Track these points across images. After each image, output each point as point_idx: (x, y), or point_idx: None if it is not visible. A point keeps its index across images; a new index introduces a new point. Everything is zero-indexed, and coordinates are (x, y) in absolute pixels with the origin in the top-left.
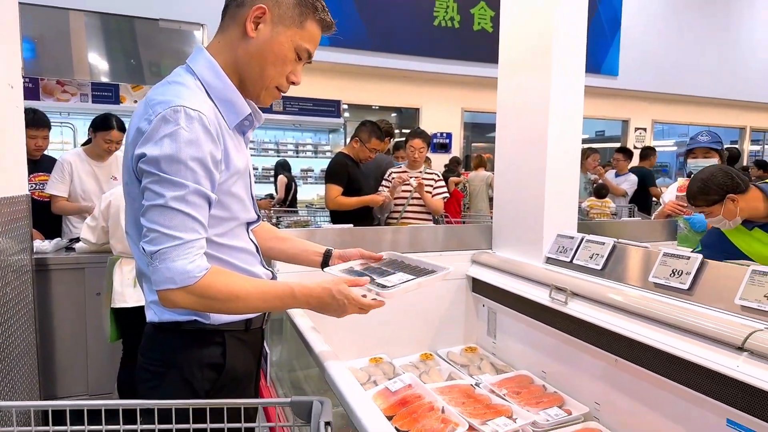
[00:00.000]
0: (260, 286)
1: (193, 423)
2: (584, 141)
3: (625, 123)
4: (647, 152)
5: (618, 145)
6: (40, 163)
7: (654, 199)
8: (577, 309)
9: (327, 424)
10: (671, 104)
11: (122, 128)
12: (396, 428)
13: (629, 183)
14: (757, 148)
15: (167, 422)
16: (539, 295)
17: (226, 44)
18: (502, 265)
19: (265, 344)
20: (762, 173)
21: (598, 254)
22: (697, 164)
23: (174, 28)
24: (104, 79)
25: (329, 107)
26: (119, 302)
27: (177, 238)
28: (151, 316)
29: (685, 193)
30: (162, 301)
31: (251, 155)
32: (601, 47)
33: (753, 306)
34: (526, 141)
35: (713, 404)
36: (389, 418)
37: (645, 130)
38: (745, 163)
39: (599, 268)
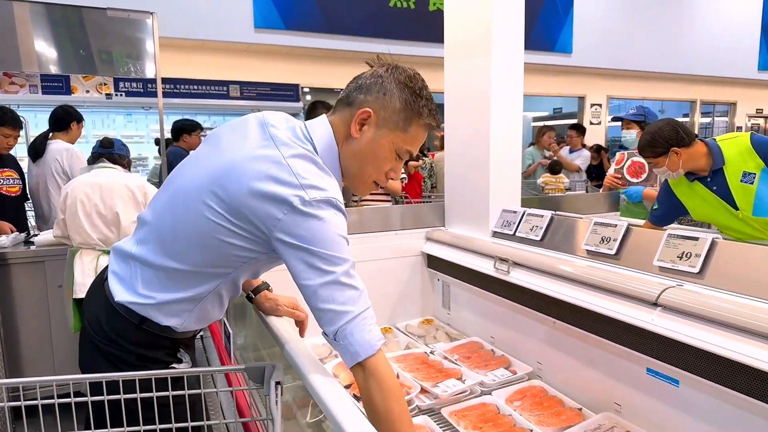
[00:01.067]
0: (407, 411)
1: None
2: (542, 118)
3: (581, 99)
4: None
5: (575, 121)
6: (2, 159)
7: None
8: (518, 277)
9: (277, 383)
10: (625, 80)
11: None
12: (354, 395)
13: (582, 158)
14: (707, 120)
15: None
16: (486, 267)
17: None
18: (454, 240)
19: (228, 325)
20: None
21: (537, 226)
22: (623, 135)
23: (123, 16)
24: (54, 70)
25: (288, 91)
26: (81, 293)
27: (350, 313)
28: (125, 297)
29: (620, 166)
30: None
31: None
32: (555, 25)
33: (668, 266)
34: (472, 121)
35: (635, 356)
36: (347, 387)
37: (600, 106)
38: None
39: (539, 238)
